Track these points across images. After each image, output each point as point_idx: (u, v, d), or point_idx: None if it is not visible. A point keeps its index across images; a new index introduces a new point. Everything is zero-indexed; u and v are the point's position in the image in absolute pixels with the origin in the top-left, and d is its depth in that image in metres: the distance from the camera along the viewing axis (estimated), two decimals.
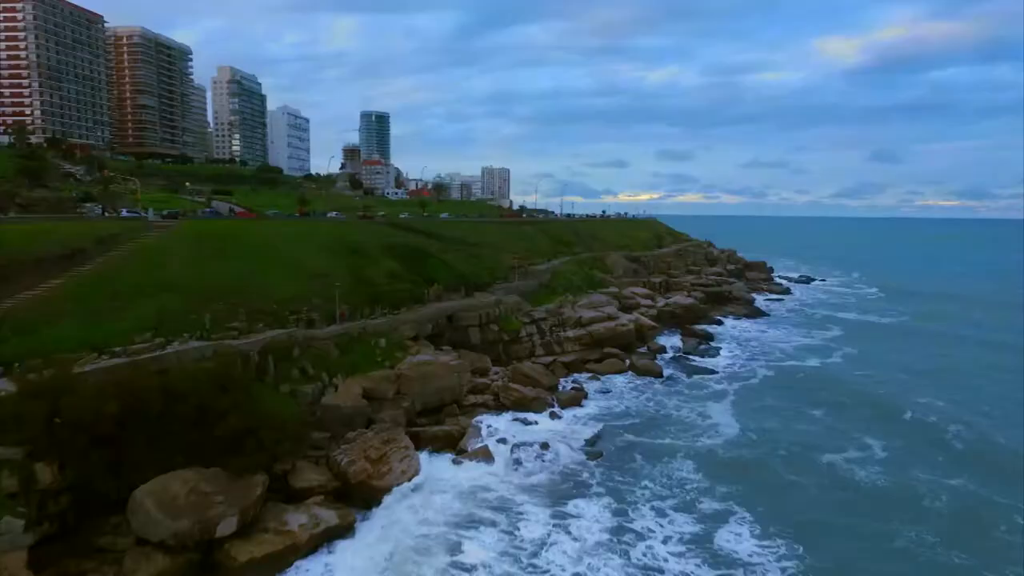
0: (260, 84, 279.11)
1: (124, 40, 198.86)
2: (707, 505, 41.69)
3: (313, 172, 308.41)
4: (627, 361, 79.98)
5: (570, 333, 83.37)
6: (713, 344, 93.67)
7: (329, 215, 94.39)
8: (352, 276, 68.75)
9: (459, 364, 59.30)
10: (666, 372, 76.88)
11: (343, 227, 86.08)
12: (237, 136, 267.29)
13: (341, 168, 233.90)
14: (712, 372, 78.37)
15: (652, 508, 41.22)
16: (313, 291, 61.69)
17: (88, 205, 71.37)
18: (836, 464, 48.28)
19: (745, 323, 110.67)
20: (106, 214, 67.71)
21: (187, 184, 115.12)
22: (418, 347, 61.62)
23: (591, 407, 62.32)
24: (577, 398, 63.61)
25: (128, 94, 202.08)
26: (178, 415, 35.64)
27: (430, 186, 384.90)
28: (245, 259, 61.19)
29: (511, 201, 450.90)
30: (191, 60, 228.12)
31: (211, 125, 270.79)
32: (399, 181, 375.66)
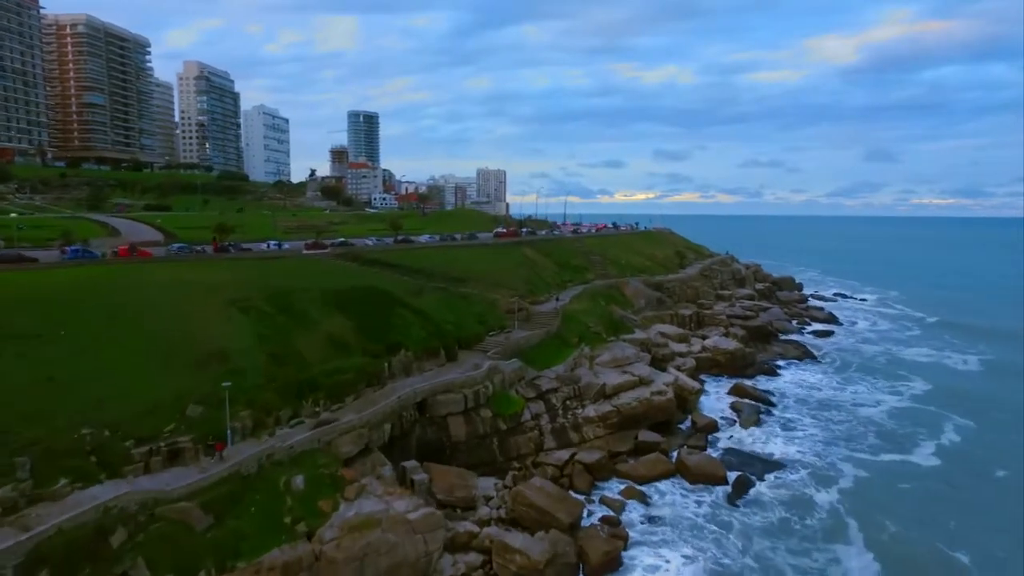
0: (233, 81, 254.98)
1: (67, 30, 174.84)
2: None
3: (293, 178, 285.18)
4: (673, 454, 57.22)
5: (591, 411, 60.40)
6: (776, 413, 70.68)
7: (264, 246, 70.45)
8: (270, 354, 45.50)
9: (426, 517, 36.07)
10: (730, 470, 54.31)
11: (276, 266, 62.58)
12: (208, 138, 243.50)
13: (311, 176, 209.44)
14: (789, 467, 55.88)
15: None
16: (196, 390, 38.53)
17: None
18: None
19: (804, 373, 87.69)
20: None
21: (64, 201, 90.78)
22: (362, 482, 38.32)
23: (647, 570, 39.23)
24: (614, 554, 40.42)
25: (73, 91, 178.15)
26: None
27: (422, 189, 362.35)
28: (78, 343, 37.91)
29: (507, 205, 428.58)
30: (149, 53, 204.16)
31: (179, 126, 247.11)
32: (388, 185, 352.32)
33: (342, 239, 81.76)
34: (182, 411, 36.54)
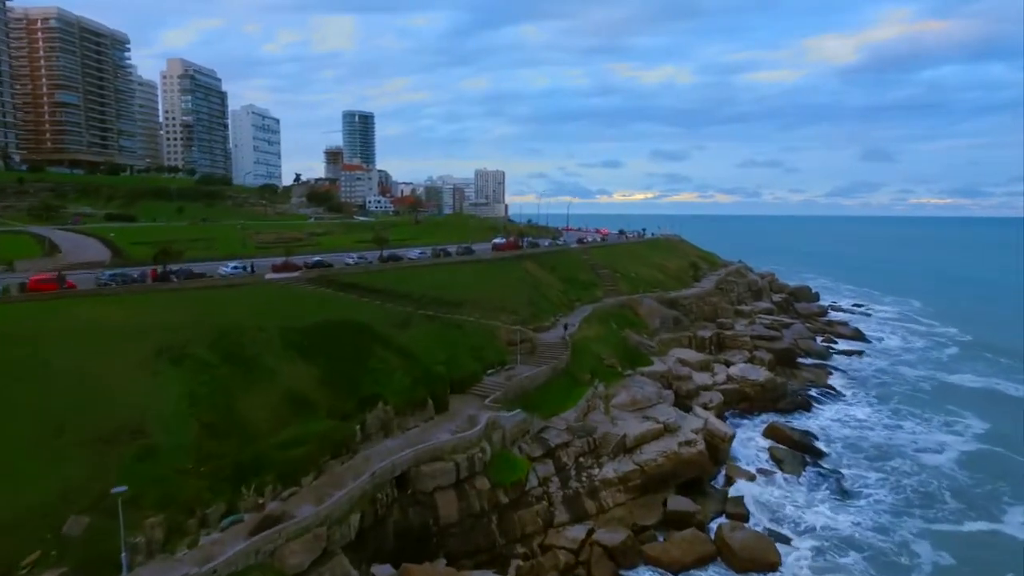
0: (220, 80, 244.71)
1: (37, 24, 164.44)
2: None
3: (285, 181, 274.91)
4: (711, 527, 47.03)
5: (609, 471, 50.20)
6: (826, 465, 60.27)
7: (224, 270, 59.21)
8: (204, 423, 35.15)
9: None
10: (778, 543, 44.48)
11: (229, 297, 51.97)
12: (193, 140, 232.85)
13: (296, 180, 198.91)
14: (843, 545, 45.81)
15: None
16: (89, 487, 28.25)
17: None
18: None
19: (848, 406, 77.34)
20: None
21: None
22: None
23: None
24: None
25: (44, 89, 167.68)
26: None
27: (419, 191, 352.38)
28: None
29: (506, 206, 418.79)
30: (128, 50, 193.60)
31: (163, 127, 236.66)
32: (383, 187, 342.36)
33: (318, 258, 71.03)
34: (58, 527, 26.22)
